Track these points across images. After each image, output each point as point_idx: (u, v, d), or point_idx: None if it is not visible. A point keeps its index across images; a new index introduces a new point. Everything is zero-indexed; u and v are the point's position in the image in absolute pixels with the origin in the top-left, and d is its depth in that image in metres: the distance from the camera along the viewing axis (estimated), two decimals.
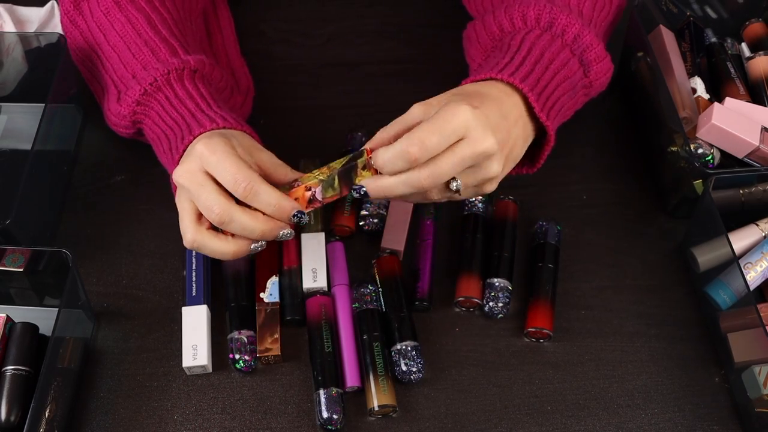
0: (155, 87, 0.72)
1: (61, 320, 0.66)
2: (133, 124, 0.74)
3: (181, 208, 0.66)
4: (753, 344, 0.68)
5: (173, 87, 0.71)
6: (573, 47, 0.72)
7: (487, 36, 0.76)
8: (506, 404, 0.70)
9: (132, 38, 0.74)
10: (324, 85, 0.89)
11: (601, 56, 0.73)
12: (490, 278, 0.75)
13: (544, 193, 0.82)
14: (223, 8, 0.89)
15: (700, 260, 0.75)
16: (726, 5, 0.90)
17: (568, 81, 0.71)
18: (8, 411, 0.65)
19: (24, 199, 0.71)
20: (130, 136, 0.77)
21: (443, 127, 0.61)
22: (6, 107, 0.86)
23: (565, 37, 0.72)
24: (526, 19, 0.73)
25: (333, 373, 0.69)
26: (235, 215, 0.63)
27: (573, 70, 0.72)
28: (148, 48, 0.73)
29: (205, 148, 0.64)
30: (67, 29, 0.79)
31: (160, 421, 0.69)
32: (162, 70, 0.71)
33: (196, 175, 0.64)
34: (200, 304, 0.72)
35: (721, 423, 0.70)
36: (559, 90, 0.70)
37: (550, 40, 0.71)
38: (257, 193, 0.63)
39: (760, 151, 0.76)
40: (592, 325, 0.75)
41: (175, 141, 0.69)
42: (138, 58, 0.73)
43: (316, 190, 0.65)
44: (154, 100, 0.72)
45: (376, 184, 0.63)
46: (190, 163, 0.64)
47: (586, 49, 0.72)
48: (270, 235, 0.64)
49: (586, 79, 0.73)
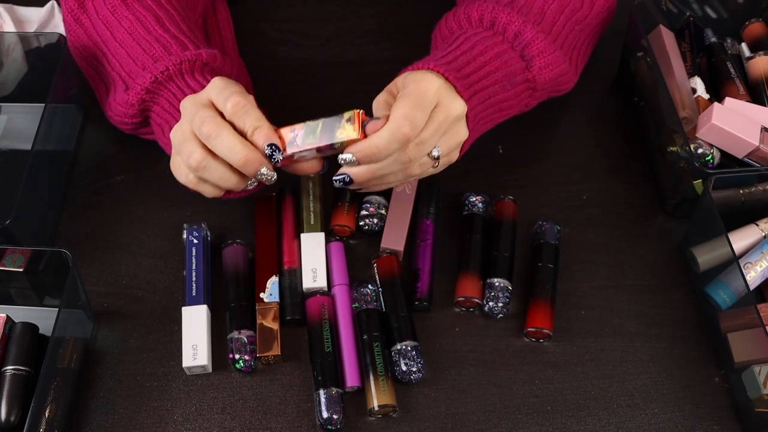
0: (166, 76, 0.72)
1: (61, 320, 0.66)
2: (141, 113, 0.74)
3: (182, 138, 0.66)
4: (753, 344, 0.68)
5: (185, 77, 0.72)
6: (513, 43, 0.74)
7: (440, 37, 0.80)
8: (506, 404, 0.70)
9: (141, 35, 0.74)
10: (324, 85, 0.90)
11: (546, 51, 0.74)
12: (490, 278, 0.75)
13: (544, 193, 0.82)
14: (223, 9, 0.89)
15: (700, 260, 0.75)
16: (726, 5, 0.90)
17: (502, 72, 0.72)
18: (8, 411, 0.65)
19: (24, 199, 0.71)
20: (133, 127, 0.77)
21: (423, 101, 0.64)
22: (6, 107, 0.86)
23: (506, 34, 0.74)
24: (470, 20, 0.76)
25: (333, 373, 0.69)
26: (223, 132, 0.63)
27: (510, 62, 0.73)
28: (159, 44, 0.74)
29: (218, 80, 0.65)
30: (70, 27, 0.79)
31: (160, 421, 0.69)
32: (174, 60, 0.72)
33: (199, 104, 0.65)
34: (200, 304, 0.72)
35: (721, 423, 0.70)
36: (487, 80, 0.71)
37: (490, 37, 0.73)
38: (247, 111, 0.64)
39: (760, 151, 0.76)
40: (592, 325, 0.75)
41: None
42: (148, 53, 0.74)
43: (299, 133, 0.65)
44: (164, 89, 0.72)
45: (367, 169, 0.65)
46: (200, 95, 0.66)
47: (528, 44, 0.74)
48: (251, 166, 0.64)
49: (529, 73, 0.74)
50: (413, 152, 0.64)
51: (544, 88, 0.76)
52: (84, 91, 0.85)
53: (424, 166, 0.67)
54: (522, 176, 0.83)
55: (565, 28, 0.77)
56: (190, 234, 0.76)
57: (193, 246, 0.75)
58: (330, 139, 0.65)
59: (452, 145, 0.68)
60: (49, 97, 0.76)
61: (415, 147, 0.64)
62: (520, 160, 0.84)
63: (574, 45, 0.78)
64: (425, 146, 0.65)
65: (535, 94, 0.76)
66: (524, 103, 0.76)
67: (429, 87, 0.65)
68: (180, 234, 0.78)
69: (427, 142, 0.65)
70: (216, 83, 0.66)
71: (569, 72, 0.78)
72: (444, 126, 0.66)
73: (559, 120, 0.87)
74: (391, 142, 0.63)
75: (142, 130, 0.77)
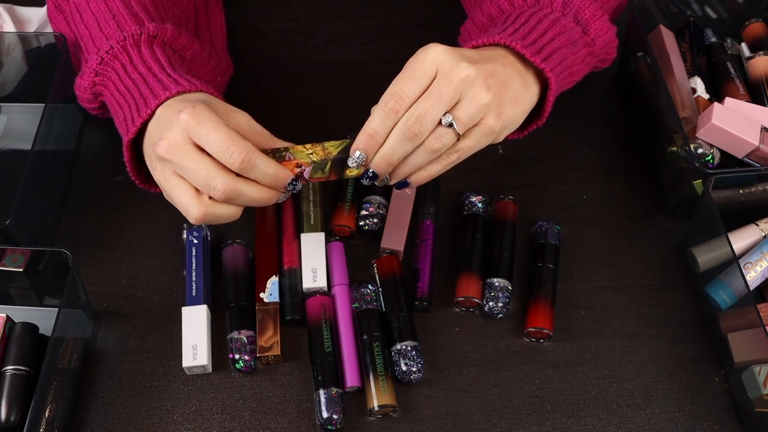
0: (111, 55, 0.69)
1: (61, 320, 0.66)
2: (95, 97, 0.72)
3: (173, 185, 0.62)
4: (753, 344, 0.68)
5: (129, 53, 0.69)
6: (564, 11, 0.72)
7: (478, 29, 0.77)
8: (506, 404, 0.70)
9: (102, 13, 0.72)
10: (324, 85, 0.89)
11: (598, 15, 0.72)
12: (490, 278, 0.75)
13: (544, 193, 0.82)
14: (217, 11, 0.87)
15: (700, 260, 0.75)
16: (726, 5, 0.90)
17: (564, 36, 0.70)
18: (8, 411, 0.65)
19: (24, 199, 0.71)
20: (99, 112, 0.75)
21: (414, 72, 0.62)
22: (6, 107, 0.86)
23: (554, 5, 0.72)
24: (513, 2, 0.74)
25: (333, 373, 0.69)
26: (241, 189, 0.61)
27: (568, 26, 0.71)
28: (115, 21, 0.71)
29: (190, 118, 0.60)
30: (52, 15, 0.78)
31: (160, 421, 0.69)
32: (119, 37, 0.69)
33: (185, 149, 0.61)
34: (200, 304, 0.72)
35: (721, 423, 0.70)
36: (555, 43, 0.69)
37: (539, 10, 0.71)
38: (255, 164, 0.61)
39: (760, 151, 0.76)
40: (592, 325, 0.75)
41: (130, 110, 0.66)
42: (104, 32, 0.71)
43: (306, 169, 0.64)
44: (110, 69, 0.70)
45: (378, 156, 0.63)
46: (174, 136, 0.61)
47: (580, 11, 0.71)
48: (270, 202, 0.64)
49: (587, 37, 0.72)
50: (415, 126, 0.61)
51: (599, 54, 0.74)
52: None
53: (442, 138, 0.63)
54: (522, 176, 0.83)
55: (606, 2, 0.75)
56: (190, 234, 0.76)
57: (193, 246, 0.75)
58: (340, 174, 0.65)
59: (471, 111, 0.63)
60: (49, 97, 0.76)
61: (415, 120, 0.61)
62: (520, 160, 0.84)
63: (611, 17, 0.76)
64: (427, 117, 0.61)
65: (591, 61, 0.74)
66: (585, 70, 0.74)
67: (423, 58, 0.62)
68: (180, 234, 0.78)
69: (428, 112, 0.61)
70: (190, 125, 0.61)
71: (616, 40, 0.75)
72: (448, 93, 0.62)
73: (558, 120, 0.87)
74: (383, 119, 0.62)
75: (108, 116, 0.74)
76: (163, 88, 0.66)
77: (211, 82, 0.76)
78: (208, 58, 0.77)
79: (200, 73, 0.75)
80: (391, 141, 0.63)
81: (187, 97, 0.65)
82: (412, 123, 0.61)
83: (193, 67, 0.75)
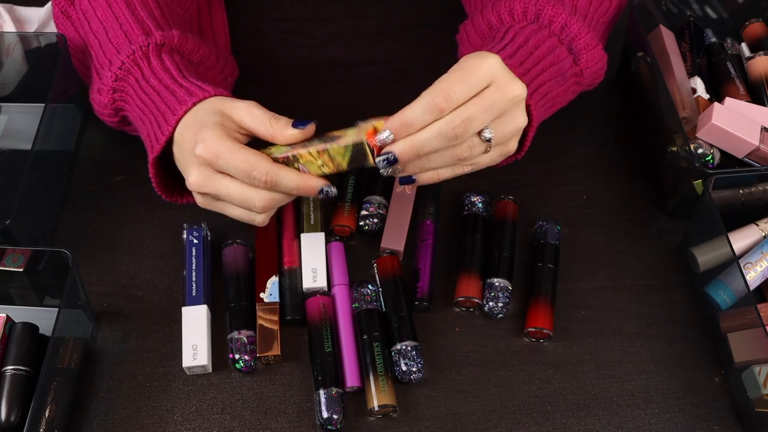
0: (124, 70, 0.70)
1: (61, 320, 0.66)
2: (116, 113, 0.73)
3: (221, 208, 0.67)
4: (753, 344, 0.68)
5: (140, 66, 0.70)
6: (561, 36, 0.72)
7: (477, 34, 0.77)
8: (506, 404, 0.70)
9: (110, 22, 0.73)
10: (324, 85, 0.89)
11: (592, 45, 0.72)
12: (490, 278, 0.75)
13: (544, 193, 0.82)
14: (219, 10, 0.88)
15: (700, 260, 0.75)
16: (726, 5, 0.90)
17: (555, 67, 0.70)
18: (8, 411, 0.65)
19: (24, 199, 0.71)
20: (119, 126, 0.76)
21: (469, 76, 0.61)
22: (6, 107, 0.86)
23: (552, 27, 0.72)
24: (513, 14, 0.74)
25: (333, 373, 0.69)
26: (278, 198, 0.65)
27: (560, 57, 0.71)
28: (122, 30, 0.72)
29: (205, 152, 0.63)
30: (59, 21, 0.78)
31: (160, 421, 0.69)
32: (128, 50, 0.70)
33: (212, 180, 0.64)
34: (200, 304, 0.72)
35: (721, 423, 0.70)
36: (545, 75, 0.69)
37: (537, 30, 0.71)
38: (278, 182, 0.64)
39: (760, 151, 0.76)
40: (592, 325, 0.75)
41: (152, 127, 0.68)
42: (113, 42, 0.72)
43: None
44: (126, 85, 0.71)
45: (409, 143, 0.62)
46: (199, 172, 0.64)
47: (575, 38, 0.72)
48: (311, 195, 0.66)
49: (576, 67, 0.73)
50: (459, 127, 0.61)
51: (585, 84, 0.75)
52: (84, 90, 0.85)
53: (473, 148, 0.63)
54: (522, 176, 0.83)
55: (593, 20, 0.75)
56: (190, 234, 0.76)
57: (193, 246, 0.75)
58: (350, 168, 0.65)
59: (508, 130, 0.64)
60: (49, 97, 0.76)
61: (462, 122, 0.60)
62: (520, 160, 0.84)
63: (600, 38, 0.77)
64: (473, 123, 0.61)
65: (577, 89, 0.75)
66: (569, 98, 0.75)
67: (481, 64, 0.62)
68: (180, 234, 0.78)
69: (476, 119, 0.61)
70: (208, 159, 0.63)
71: (605, 66, 0.76)
72: (497, 106, 0.62)
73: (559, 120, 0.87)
74: (424, 112, 0.60)
75: (127, 128, 0.76)
76: (179, 101, 0.67)
77: (219, 85, 0.77)
78: (215, 60, 0.78)
79: (207, 76, 0.76)
80: (428, 134, 0.61)
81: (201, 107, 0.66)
82: (457, 124, 0.61)
83: (201, 70, 0.75)
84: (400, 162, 0.63)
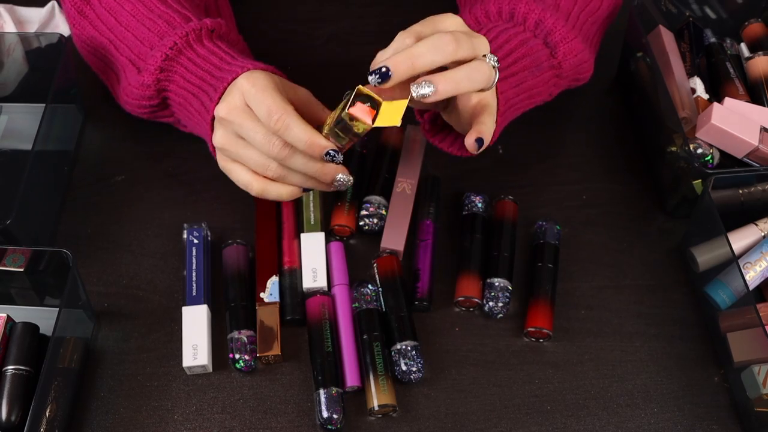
0: (176, 50, 0.72)
1: (62, 320, 0.66)
2: (158, 93, 0.74)
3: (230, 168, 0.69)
4: (752, 344, 0.69)
5: (193, 47, 0.72)
6: (535, 31, 0.74)
7: None
8: (506, 404, 0.70)
9: (144, 15, 0.74)
10: (324, 85, 0.89)
11: (569, 38, 0.74)
12: (490, 278, 0.75)
13: (544, 193, 0.82)
14: (225, 5, 0.88)
15: (700, 260, 0.75)
16: (725, 5, 0.90)
17: (529, 58, 0.72)
18: (8, 411, 0.65)
19: (24, 199, 0.71)
20: (151, 111, 0.76)
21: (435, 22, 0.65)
22: (6, 107, 0.86)
23: (526, 23, 0.74)
24: (489, 15, 0.76)
25: (333, 373, 0.69)
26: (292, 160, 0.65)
27: (535, 49, 0.73)
28: (163, 20, 0.73)
29: (245, 81, 0.65)
30: (75, 21, 0.78)
31: (160, 421, 0.69)
32: (180, 33, 0.72)
33: (244, 111, 0.65)
34: (200, 304, 0.72)
35: (721, 423, 0.70)
36: (517, 65, 0.71)
37: (511, 27, 0.74)
38: (289, 126, 0.64)
39: (760, 151, 0.76)
40: (591, 325, 0.75)
41: (206, 97, 0.70)
42: (153, 31, 0.73)
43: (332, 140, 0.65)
44: (177, 64, 0.72)
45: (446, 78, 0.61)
46: (233, 98, 0.66)
47: (551, 32, 0.74)
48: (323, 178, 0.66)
49: (554, 60, 0.74)
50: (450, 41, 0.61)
51: (568, 76, 0.76)
52: (84, 91, 0.85)
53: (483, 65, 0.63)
54: (522, 176, 0.83)
55: (579, 19, 0.77)
56: (191, 234, 0.76)
57: (193, 246, 0.75)
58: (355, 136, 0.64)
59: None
60: (50, 97, 0.76)
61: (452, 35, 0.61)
62: (520, 160, 0.84)
63: (587, 37, 0.78)
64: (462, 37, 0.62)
65: (559, 82, 0.76)
66: (549, 91, 0.76)
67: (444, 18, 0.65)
68: (180, 234, 0.78)
69: (478, 46, 0.63)
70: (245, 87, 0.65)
71: (589, 60, 0.77)
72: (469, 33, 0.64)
73: (558, 120, 0.87)
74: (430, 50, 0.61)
75: (159, 114, 0.77)
76: (240, 67, 0.69)
77: None
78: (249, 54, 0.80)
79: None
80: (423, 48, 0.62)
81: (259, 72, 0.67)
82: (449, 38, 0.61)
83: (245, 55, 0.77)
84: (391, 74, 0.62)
